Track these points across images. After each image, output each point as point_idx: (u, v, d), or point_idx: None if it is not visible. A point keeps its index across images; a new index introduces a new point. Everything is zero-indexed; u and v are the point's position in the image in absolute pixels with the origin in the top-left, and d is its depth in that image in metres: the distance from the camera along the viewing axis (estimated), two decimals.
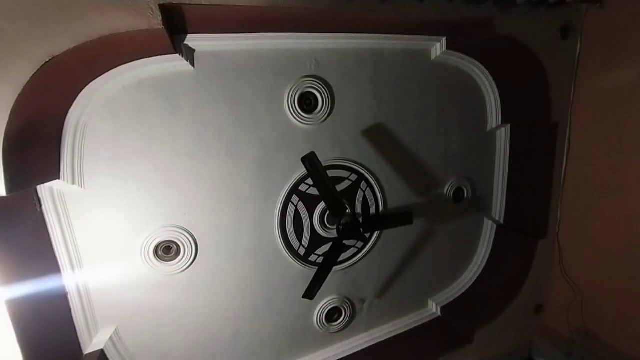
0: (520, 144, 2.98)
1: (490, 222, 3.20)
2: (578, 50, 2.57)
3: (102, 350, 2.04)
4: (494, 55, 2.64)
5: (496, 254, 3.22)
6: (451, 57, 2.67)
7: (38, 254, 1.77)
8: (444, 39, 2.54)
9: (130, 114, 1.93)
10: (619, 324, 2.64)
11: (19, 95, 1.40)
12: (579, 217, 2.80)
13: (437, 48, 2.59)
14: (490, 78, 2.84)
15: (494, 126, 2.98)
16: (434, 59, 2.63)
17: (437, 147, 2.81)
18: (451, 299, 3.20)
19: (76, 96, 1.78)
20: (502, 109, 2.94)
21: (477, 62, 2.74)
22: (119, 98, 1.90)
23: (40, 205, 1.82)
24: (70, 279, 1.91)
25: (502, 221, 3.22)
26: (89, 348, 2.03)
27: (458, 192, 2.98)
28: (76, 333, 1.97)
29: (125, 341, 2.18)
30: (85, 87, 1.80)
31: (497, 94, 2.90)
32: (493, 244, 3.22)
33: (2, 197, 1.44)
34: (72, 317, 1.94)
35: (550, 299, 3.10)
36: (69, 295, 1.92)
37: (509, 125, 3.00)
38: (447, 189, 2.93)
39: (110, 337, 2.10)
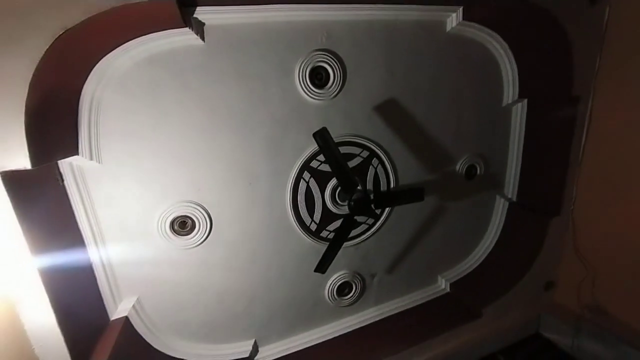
0: (537, 119, 2.88)
1: (502, 199, 3.17)
2: (606, 17, 2.42)
3: (126, 317, 2.16)
4: (514, 25, 2.52)
5: (507, 232, 3.20)
6: (467, 29, 2.55)
7: (63, 226, 1.85)
8: (461, 8, 2.41)
9: (142, 89, 1.94)
10: (630, 300, 2.63)
11: (36, 69, 1.42)
12: (596, 195, 2.75)
13: (453, 19, 2.48)
14: (509, 50, 2.72)
15: (509, 101, 2.88)
16: (449, 31, 2.52)
17: (450, 123, 2.75)
18: (461, 276, 3.24)
19: (90, 71, 1.80)
20: (519, 83, 2.83)
21: (494, 34, 2.62)
22: (131, 73, 1.90)
23: (62, 180, 1.89)
24: (93, 251, 2.01)
25: (514, 199, 3.18)
26: (114, 315, 2.16)
27: (470, 169, 2.94)
28: (102, 301, 2.09)
29: (147, 310, 2.30)
30: (98, 62, 1.81)
31: (514, 67, 2.78)
32: (505, 221, 3.20)
33: (28, 170, 1.50)
34: (97, 286, 2.05)
35: (561, 276, 3.10)
36: (93, 266, 2.03)
37: (525, 101, 2.90)
38: (460, 166, 2.89)
39: (133, 306, 2.21)
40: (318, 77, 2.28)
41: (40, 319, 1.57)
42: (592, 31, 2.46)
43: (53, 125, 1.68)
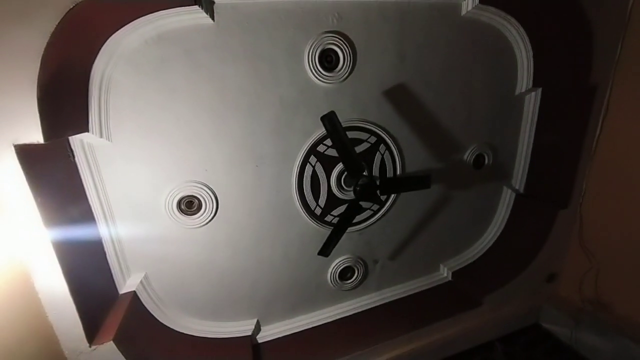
0: (551, 109, 2.81)
1: (509, 190, 3.14)
2: (630, 3, 2.31)
3: (134, 292, 2.24)
4: (532, 10, 2.43)
5: (513, 223, 3.19)
6: (483, 13, 2.46)
7: (74, 201, 1.89)
8: None
9: (151, 68, 1.94)
10: (632, 295, 2.63)
11: (48, 43, 1.43)
12: (607, 189, 2.70)
13: (469, 2, 2.39)
14: (526, 37, 2.62)
15: (523, 90, 2.81)
16: (464, 15, 2.44)
17: (461, 110, 2.70)
18: (463, 265, 3.25)
19: (100, 48, 1.80)
20: (534, 71, 2.74)
21: (511, 18, 2.52)
22: (141, 51, 1.90)
23: (74, 157, 1.92)
24: (103, 226, 2.06)
25: (522, 190, 3.15)
26: (123, 289, 2.23)
27: (479, 158, 2.90)
28: (112, 275, 2.16)
29: (154, 286, 2.37)
30: (108, 39, 1.80)
31: (530, 54, 2.69)
32: (511, 212, 3.18)
33: (41, 145, 1.53)
34: (107, 260, 2.12)
35: (564, 269, 3.09)
36: (103, 241, 2.08)
37: (540, 90, 2.82)
38: (468, 155, 2.85)
39: (141, 282, 2.28)
40: (328, 60, 2.25)
41: (54, 288, 1.63)
42: (615, 19, 2.37)
43: (64, 101, 1.70)
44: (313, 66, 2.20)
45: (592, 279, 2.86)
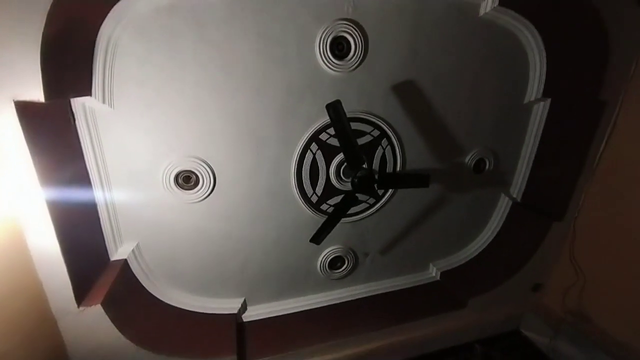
0: (558, 120, 2.79)
1: (507, 198, 3.15)
2: None
3: (125, 260, 2.26)
4: (553, 17, 2.38)
5: (506, 230, 3.21)
6: (501, 15, 2.42)
7: (72, 163, 1.89)
8: None
9: (160, 37, 1.90)
10: (614, 311, 2.67)
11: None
12: (603, 205, 2.71)
13: (488, 3, 2.35)
14: (542, 44, 2.58)
15: (532, 99, 2.78)
16: (482, 16, 2.39)
17: (467, 113, 2.68)
18: (452, 267, 3.29)
19: (109, 10, 1.76)
20: (546, 80, 2.72)
21: (530, 24, 2.48)
22: (151, 19, 1.86)
23: (74, 120, 1.91)
24: (99, 192, 2.06)
25: (519, 199, 3.16)
26: (115, 256, 2.25)
27: (480, 163, 2.90)
28: (104, 241, 2.18)
29: (145, 256, 2.40)
30: (117, 1, 1.77)
31: (544, 63, 2.65)
32: (505, 219, 3.20)
33: (42, 103, 1.52)
34: (101, 226, 2.13)
35: (551, 280, 3.13)
36: (98, 206, 2.09)
37: (549, 100, 2.80)
38: (469, 159, 2.85)
39: (133, 251, 2.31)
40: (339, 48, 2.22)
41: (46, 247, 1.65)
42: (634, 34, 2.33)
43: (68, 61, 1.67)
44: (324, 53, 2.17)
45: (577, 292, 2.89)
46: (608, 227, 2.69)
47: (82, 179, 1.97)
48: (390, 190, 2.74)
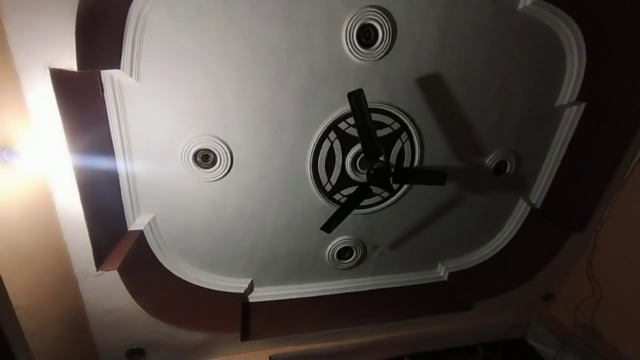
0: (590, 127, 2.65)
1: (525, 203, 3.05)
2: None
3: (141, 231, 2.35)
4: (598, 15, 2.23)
5: (522, 236, 3.12)
6: (541, 10, 2.28)
7: (98, 132, 1.96)
8: None
9: (188, 15, 1.92)
10: (631, 331, 2.57)
11: None
12: (629, 221, 2.58)
13: None
14: (583, 45, 2.43)
15: (564, 102, 2.65)
16: (520, 9, 2.27)
17: (493, 112, 2.58)
18: (461, 268, 3.24)
19: None
20: (582, 84, 2.57)
21: (571, 20, 2.33)
22: None
23: (103, 91, 1.97)
24: (120, 162, 2.14)
25: (538, 206, 3.05)
26: (132, 226, 2.35)
27: (500, 165, 2.81)
28: (123, 210, 2.27)
29: (160, 229, 2.48)
30: None
31: (583, 65, 2.50)
32: (522, 225, 3.11)
33: (74, 72, 1.57)
34: (121, 195, 2.22)
35: (564, 291, 3.04)
36: (119, 177, 2.17)
37: (583, 105, 2.65)
38: (490, 160, 2.75)
39: (149, 223, 2.39)
40: (366, 36, 2.17)
41: (72, 210, 1.74)
42: None
43: (100, 34, 1.72)
44: (350, 40, 2.13)
45: (591, 306, 2.80)
46: (632, 243, 2.56)
47: (107, 148, 2.05)
48: (405, 185, 2.70)
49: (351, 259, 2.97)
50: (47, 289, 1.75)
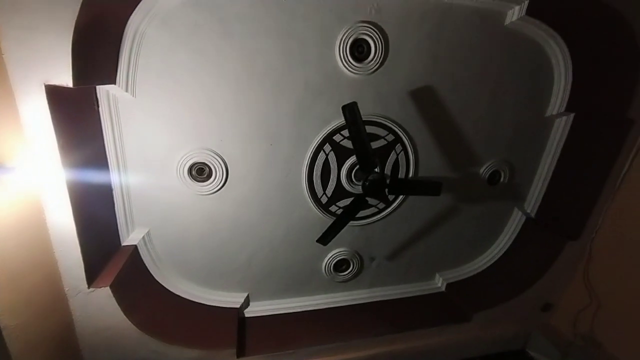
0: (580, 136, 2.70)
1: (520, 212, 3.07)
2: None
3: (135, 246, 2.32)
4: (581, 29, 2.31)
5: (518, 246, 3.12)
6: (527, 25, 2.37)
7: (92, 147, 1.96)
8: (527, 1, 2.23)
9: (185, 30, 1.95)
10: (630, 340, 2.55)
11: None
12: (623, 228, 2.60)
13: (515, 12, 2.30)
14: (568, 57, 2.51)
15: (554, 112, 2.71)
16: (507, 25, 2.35)
17: (485, 123, 2.63)
18: (459, 279, 3.23)
19: (137, 3, 1.82)
20: (570, 94, 2.64)
21: (557, 35, 2.42)
22: (177, 12, 1.91)
23: (98, 106, 1.98)
24: (115, 177, 2.12)
25: (533, 215, 3.07)
26: (126, 241, 2.31)
27: (494, 174, 2.84)
28: (117, 225, 2.24)
29: (155, 243, 2.45)
30: None
31: (570, 77, 2.58)
32: (517, 235, 3.12)
33: (70, 88, 1.58)
34: (115, 210, 2.19)
35: (563, 301, 3.03)
36: (113, 191, 2.15)
37: (572, 115, 2.72)
38: (484, 170, 2.79)
39: (143, 237, 2.36)
40: (359, 50, 2.22)
41: (63, 226, 1.71)
42: None
43: (97, 50, 1.73)
44: (343, 54, 2.17)
45: (589, 316, 2.79)
46: (627, 251, 2.58)
47: (101, 162, 2.04)
48: (401, 196, 2.71)
49: (348, 271, 2.94)
50: (36, 307, 1.70)
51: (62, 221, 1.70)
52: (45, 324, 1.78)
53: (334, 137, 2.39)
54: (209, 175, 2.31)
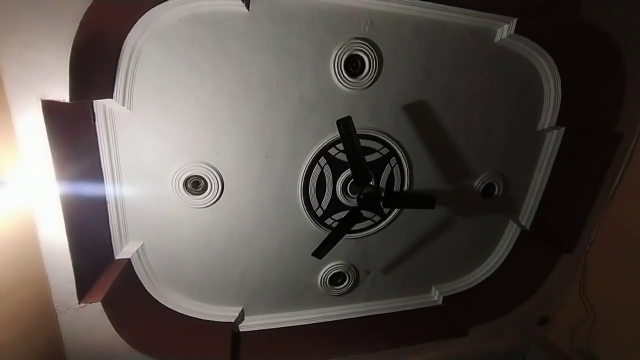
0: (571, 151, 2.75)
1: (515, 225, 3.08)
2: None
3: (129, 260, 2.29)
4: (569, 46, 2.39)
5: (513, 258, 3.12)
6: (517, 43, 2.44)
7: (88, 161, 1.96)
8: (515, 20, 2.31)
9: (181, 46, 1.99)
10: (627, 354, 2.53)
11: (89, 8, 1.49)
12: (616, 241, 2.62)
13: (504, 30, 2.38)
14: (557, 73, 2.58)
15: (545, 127, 2.76)
16: (498, 42, 2.42)
17: (478, 136, 2.67)
18: (455, 292, 3.20)
19: (136, 20, 1.86)
20: (560, 109, 2.70)
21: (545, 53, 2.49)
22: (173, 29, 1.95)
23: (94, 120, 1.99)
24: (110, 191, 2.12)
25: (527, 227, 3.08)
26: (119, 255, 2.29)
27: (489, 187, 2.87)
28: (110, 239, 2.22)
29: (149, 257, 2.42)
30: (145, 12, 1.86)
31: (559, 92, 2.65)
32: (513, 247, 3.12)
33: (66, 103, 1.59)
34: (109, 223, 2.18)
35: (559, 315, 3.01)
36: (108, 205, 2.14)
37: (563, 129, 2.77)
38: (478, 183, 2.82)
39: (137, 251, 2.34)
40: (353, 66, 2.26)
41: (55, 241, 1.69)
42: None
43: (94, 66, 1.76)
44: (338, 69, 2.22)
45: (586, 329, 2.77)
46: (621, 263, 2.59)
47: (96, 176, 2.03)
48: (396, 209, 2.72)
49: (344, 284, 2.92)
50: (24, 325, 1.67)
51: (54, 236, 1.68)
52: (33, 341, 1.74)
53: (329, 151, 2.42)
54: (205, 188, 2.31)
